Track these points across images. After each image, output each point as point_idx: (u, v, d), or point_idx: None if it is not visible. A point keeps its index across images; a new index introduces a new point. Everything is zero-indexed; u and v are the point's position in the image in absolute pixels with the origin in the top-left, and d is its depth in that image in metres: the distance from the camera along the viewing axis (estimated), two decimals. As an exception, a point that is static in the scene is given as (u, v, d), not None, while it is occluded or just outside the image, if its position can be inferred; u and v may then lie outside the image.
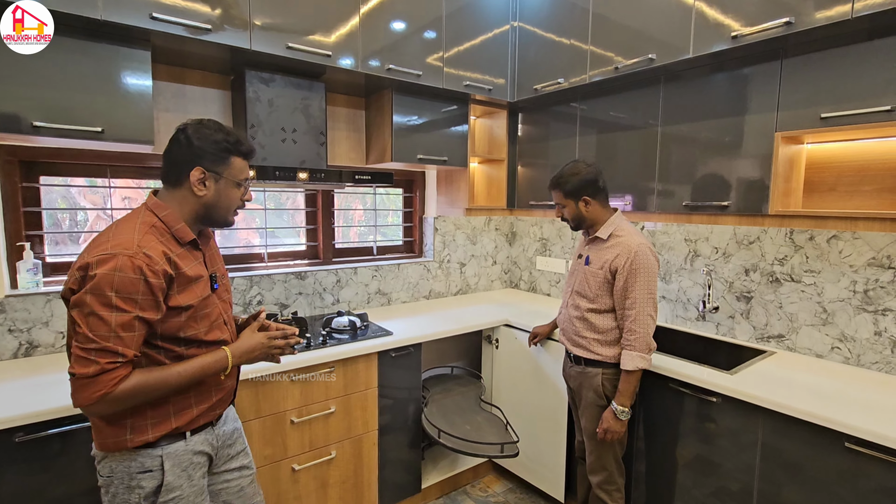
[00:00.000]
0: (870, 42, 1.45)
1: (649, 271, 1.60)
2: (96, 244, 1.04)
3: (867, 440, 1.28)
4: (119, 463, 1.10)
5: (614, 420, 1.63)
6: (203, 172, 1.14)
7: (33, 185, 1.84)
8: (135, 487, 1.10)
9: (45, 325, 1.77)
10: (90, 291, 0.98)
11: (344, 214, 2.74)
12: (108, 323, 0.99)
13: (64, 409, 1.33)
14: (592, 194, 1.69)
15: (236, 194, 1.20)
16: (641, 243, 1.62)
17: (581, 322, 1.74)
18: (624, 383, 1.62)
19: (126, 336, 1.01)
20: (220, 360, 1.16)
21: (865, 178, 1.68)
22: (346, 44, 1.97)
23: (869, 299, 1.72)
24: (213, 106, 2.07)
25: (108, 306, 0.99)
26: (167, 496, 1.12)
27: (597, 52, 2.11)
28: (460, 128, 2.50)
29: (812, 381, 1.61)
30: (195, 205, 1.16)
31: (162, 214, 1.12)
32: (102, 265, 0.99)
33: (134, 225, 1.08)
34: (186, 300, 1.11)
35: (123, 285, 1.00)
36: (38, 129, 1.47)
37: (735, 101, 1.75)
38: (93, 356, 0.98)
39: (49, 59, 1.47)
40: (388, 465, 2.07)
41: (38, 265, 1.77)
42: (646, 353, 1.60)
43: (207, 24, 1.65)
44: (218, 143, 1.14)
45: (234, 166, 1.18)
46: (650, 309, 1.60)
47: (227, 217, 1.22)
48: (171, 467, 1.13)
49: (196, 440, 1.18)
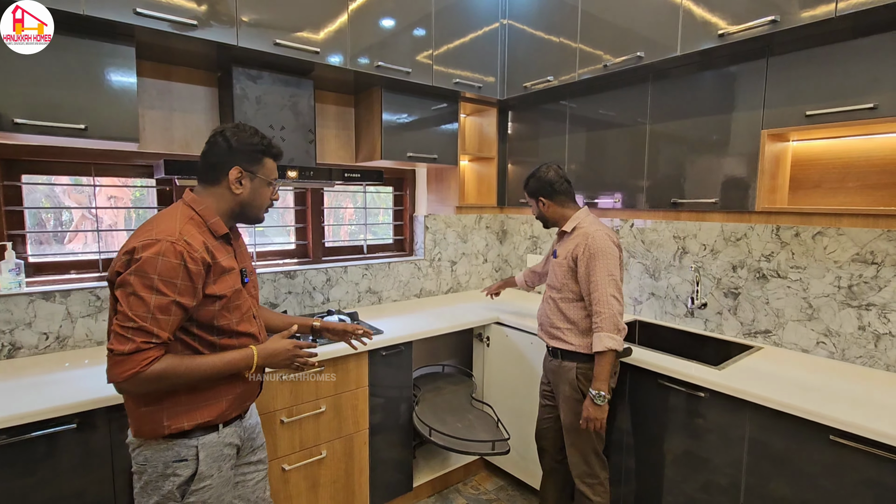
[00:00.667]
0: (854, 40, 1.47)
1: (606, 254, 1.65)
2: (142, 231, 1.12)
3: (851, 433, 1.30)
4: (155, 452, 1.15)
5: (593, 407, 1.62)
6: (240, 171, 1.22)
7: (15, 183, 1.80)
8: (170, 475, 1.15)
9: (28, 326, 1.74)
10: (135, 273, 1.06)
11: (334, 213, 2.73)
12: (148, 304, 1.05)
13: (48, 410, 1.31)
14: (548, 195, 1.82)
15: (267, 192, 1.29)
16: (598, 230, 1.70)
17: (555, 314, 1.80)
18: (597, 367, 1.62)
19: (162, 319, 1.07)
20: (247, 357, 1.22)
21: (849, 174, 1.71)
22: (335, 41, 1.96)
23: (853, 294, 1.75)
24: (199, 103, 2.04)
25: (149, 288, 1.06)
26: (199, 485, 1.17)
27: (586, 50, 2.11)
28: (450, 126, 2.50)
29: (798, 376, 1.63)
30: (231, 202, 1.24)
31: (199, 209, 1.20)
32: (147, 249, 1.07)
33: (175, 216, 1.16)
34: (220, 290, 1.17)
35: (165, 269, 1.07)
36: (19, 127, 1.44)
37: (722, 99, 1.77)
38: (130, 334, 1.05)
39: (31, 55, 1.43)
40: (380, 464, 2.06)
41: (21, 265, 1.74)
42: (614, 334, 1.60)
43: (193, 19, 1.62)
44: (254, 145, 1.24)
45: (267, 166, 1.27)
46: (612, 290, 1.63)
47: (259, 214, 1.30)
48: (204, 457, 1.18)
49: (227, 432, 1.24)
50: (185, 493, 1.16)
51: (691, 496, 1.68)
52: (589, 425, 1.65)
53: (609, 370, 1.62)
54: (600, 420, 1.62)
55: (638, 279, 2.41)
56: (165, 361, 1.08)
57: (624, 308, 1.67)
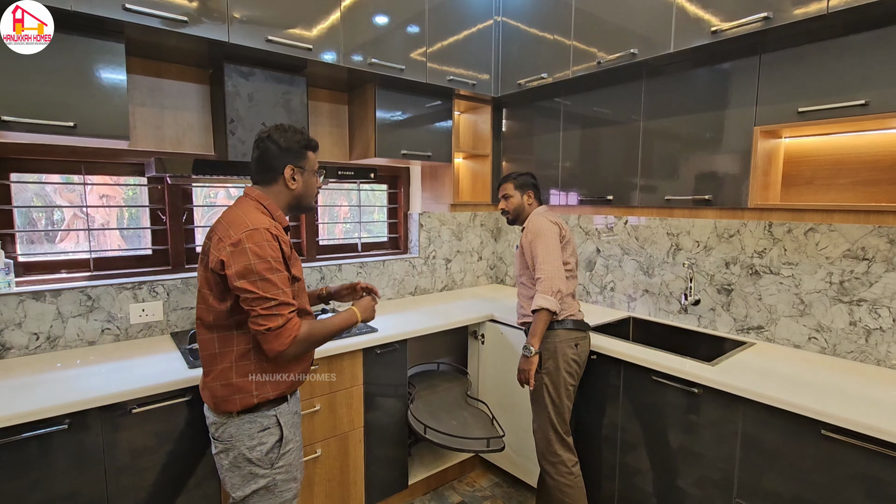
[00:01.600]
0: (846, 37, 1.47)
1: (543, 232, 1.84)
2: (236, 223, 1.24)
3: (842, 427, 1.31)
4: (239, 427, 1.29)
5: (522, 358, 1.78)
6: (293, 169, 1.35)
7: (3, 182, 1.78)
8: (255, 446, 1.30)
9: (17, 326, 1.72)
10: (253, 261, 1.19)
11: (329, 211, 2.71)
12: (275, 283, 1.21)
13: (38, 411, 1.30)
14: (535, 191, 2.02)
15: (315, 182, 1.43)
16: (537, 214, 1.93)
17: (522, 298, 1.99)
18: (532, 324, 1.77)
19: (289, 290, 1.25)
20: (352, 314, 1.44)
21: (841, 171, 1.72)
22: (328, 37, 1.94)
23: (844, 290, 1.76)
24: (191, 101, 2.02)
25: (270, 269, 1.21)
26: (285, 448, 1.35)
27: (580, 47, 2.11)
28: (444, 123, 2.49)
29: (790, 371, 1.64)
30: (288, 196, 1.38)
31: (266, 203, 1.33)
32: (253, 238, 1.21)
33: (252, 209, 1.29)
34: (296, 272, 1.34)
35: (274, 251, 1.23)
36: (6, 124, 1.42)
37: (715, 96, 1.77)
38: (275, 310, 1.20)
39: (26, 54, 1.42)
40: (375, 462, 2.06)
41: (10, 265, 1.72)
42: (549, 296, 1.75)
43: (184, 16, 1.61)
44: (299, 142, 1.36)
45: (311, 159, 1.40)
46: (551, 259, 1.79)
47: (311, 202, 1.44)
48: (285, 423, 1.35)
49: (293, 400, 1.42)
50: (273, 461, 1.32)
51: (685, 491, 1.69)
52: (519, 377, 1.80)
53: (542, 328, 1.76)
54: (527, 371, 1.77)
55: (632, 276, 2.42)
56: (306, 324, 1.28)
57: (564, 275, 1.79)
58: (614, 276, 2.50)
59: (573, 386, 1.84)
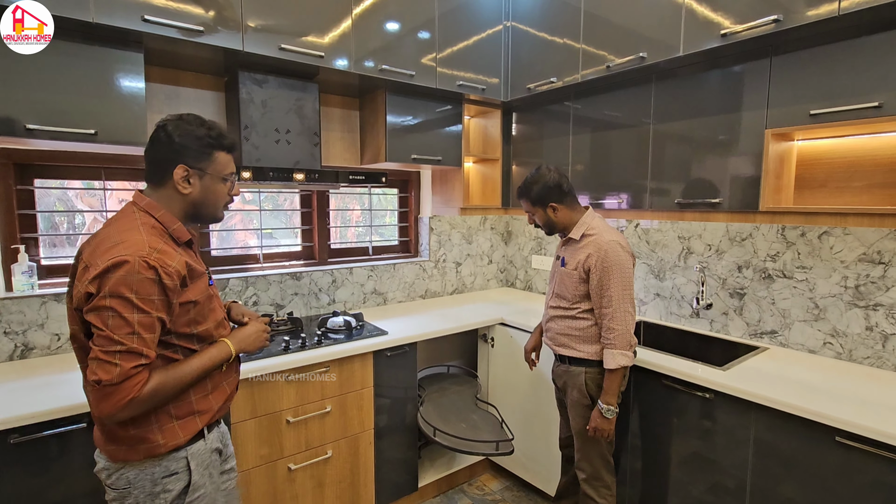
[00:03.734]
0: (858, 39, 1.46)
1: (622, 267, 1.60)
2: (105, 247, 1.00)
3: (858, 434, 1.29)
4: (141, 471, 1.07)
5: (601, 419, 1.63)
6: (186, 170, 1.10)
7: (28, 187, 1.84)
8: (159, 493, 1.08)
9: (40, 327, 1.77)
10: (110, 294, 0.96)
11: (342, 215, 2.75)
12: (131, 324, 0.97)
13: (59, 409, 1.34)
14: (559, 199, 1.69)
15: (223, 189, 1.18)
16: (612, 240, 1.62)
17: (561, 321, 1.75)
18: (608, 381, 1.62)
19: (148, 337, 0.99)
20: (222, 348, 1.16)
21: (856, 173, 1.69)
22: (339, 44, 1.98)
23: (860, 294, 1.73)
24: (207, 108, 2.07)
25: (130, 307, 0.97)
26: (193, 496, 1.12)
27: (589, 50, 2.11)
28: (454, 127, 2.51)
29: (804, 377, 1.62)
30: (182, 203, 1.13)
31: (157, 214, 1.10)
32: (119, 268, 0.97)
33: (136, 225, 1.06)
34: (193, 295, 1.10)
35: (142, 286, 0.98)
36: (31, 132, 1.47)
37: (725, 99, 1.76)
38: (117, 359, 0.95)
39: (42, 61, 1.47)
40: (385, 464, 2.08)
41: (34, 268, 1.78)
42: (627, 350, 1.59)
43: (200, 25, 1.65)
44: (200, 139, 1.11)
45: (219, 161, 1.15)
46: (627, 305, 1.59)
47: (215, 213, 1.20)
48: (196, 466, 1.12)
49: (212, 437, 1.19)
50: None
51: (697, 498, 1.67)
52: (596, 434, 1.65)
53: (619, 385, 1.62)
54: (608, 431, 1.63)
55: (643, 280, 2.41)
56: (155, 378, 1.01)
57: (635, 319, 1.66)
58: (625, 280, 2.49)
59: None
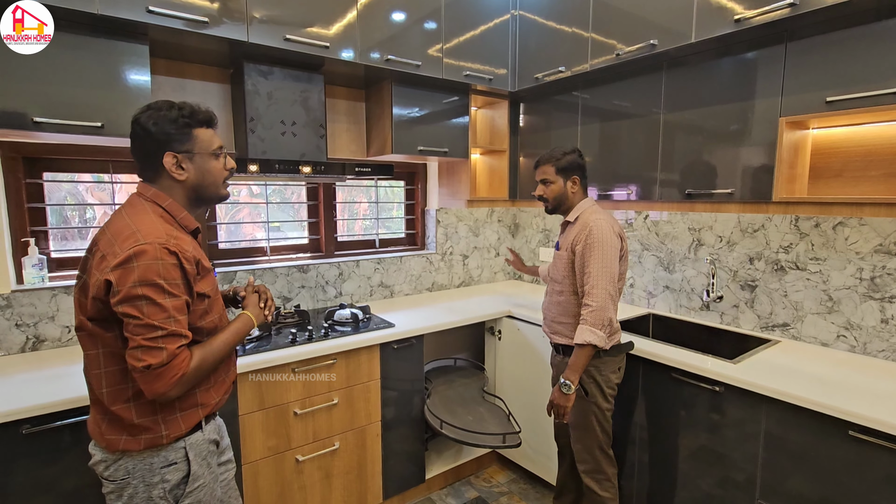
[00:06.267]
0: (877, 23, 1.41)
1: (604, 245, 1.58)
2: (123, 235, 1.02)
3: (871, 428, 1.26)
4: (139, 462, 1.08)
5: (559, 394, 1.61)
6: (175, 156, 1.10)
7: (37, 181, 1.85)
8: (157, 483, 1.08)
9: (51, 319, 1.79)
10: (141, 283, 0.98)
11: (349, 207, 2.74)
12: (166, 309, 1.00)
13: (70, 400, 1.35)
14: (581, 176, 1.75)
15: (217, 165, 1.17)
16: (600, 219, 1.63)
17: (557, 307, 1.76)
18: (573, 356, 1.59)
19: (182, 319, 1.03)
20: (245, 319, 1.21)
21: (872, 163, 1.65)
22: (345, 35, 1.96)
23: (876, 286, 1.69)
24: (212, 100, 2.07)
25: (162, 293, 1.00)
26: (193, 485, 1.13)
27: (598, 39, 2.08)
28: (461, 119, 2.49)
29: (817, 370, 1.59)
30: (182, 189, 1.13)
31: (165, 204, 1.11)
32: (142, 256, 0.99)
33: (148, 215, 1.07)
34: (205, 287, 1.12)
35: (168, 272, 1.01)
36: (39, 125, 1.48)
37: (738, 87, 1.72)
38: (161, 343, 0.99)
39: (49, 54, 1.47)
40: (392, 455, 2.08)
41: (44, 261, 1.79)
42: (598, 329, 1.55)
43: (205, 16, 1.64)
44: (175, 122, 1.09)
45: (201, 139, 1.13)
46: (605, 283, 1.56)
47: (218, 191, 1.19)
48: (194, 457, 1.13)
49: (209, 428, 1.20)
50: (178, 498, 1.11)
51: (706, 492, 1.66)
52: (552, 410, 1.64)
53: (583, 363, 1.59)
54: (564, 408, 1.61)
55: (652, 272, 2.38)
56: (197, 354, 1.06)
57: (617, 303, 1.63)
58: (633, 272, 2.46)
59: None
